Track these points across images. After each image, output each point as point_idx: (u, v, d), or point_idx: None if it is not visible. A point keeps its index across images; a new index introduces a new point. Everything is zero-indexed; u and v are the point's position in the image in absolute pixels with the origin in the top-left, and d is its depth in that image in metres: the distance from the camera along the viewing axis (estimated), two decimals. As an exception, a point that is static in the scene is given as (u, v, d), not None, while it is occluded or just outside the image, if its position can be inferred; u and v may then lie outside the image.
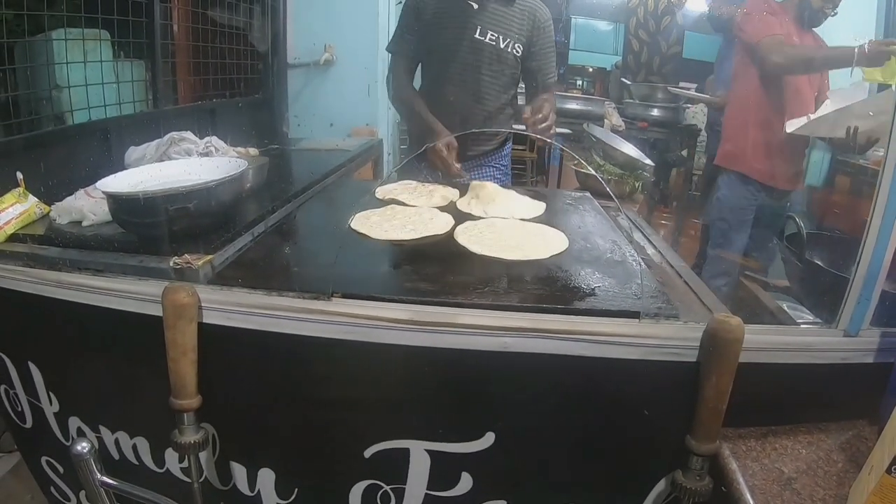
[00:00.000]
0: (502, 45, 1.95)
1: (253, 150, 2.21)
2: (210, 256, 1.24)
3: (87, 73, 1.96)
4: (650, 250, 1.50)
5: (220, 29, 2.68)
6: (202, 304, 1.02)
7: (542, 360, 0.91)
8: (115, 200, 1.30)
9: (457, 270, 1.15)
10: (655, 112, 4.17)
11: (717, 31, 3.82)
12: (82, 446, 1.01)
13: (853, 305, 0.96)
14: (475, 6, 1.94)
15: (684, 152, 4.29)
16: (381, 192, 1.67)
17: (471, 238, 1.32)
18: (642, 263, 1.23)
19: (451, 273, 1.13)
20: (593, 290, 1.08)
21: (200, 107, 2.57)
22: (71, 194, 1.50)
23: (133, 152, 1.86)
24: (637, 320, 0.96)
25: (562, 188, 4.07)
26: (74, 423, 1.20)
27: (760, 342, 0.94)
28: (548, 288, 1.08)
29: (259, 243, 1.35)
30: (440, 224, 1.39)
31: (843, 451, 0.95)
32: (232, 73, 2.79)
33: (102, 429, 1.18)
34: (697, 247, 2.86)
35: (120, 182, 1.38)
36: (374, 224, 1.37)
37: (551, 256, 1.25)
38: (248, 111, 2.87)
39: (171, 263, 1.21)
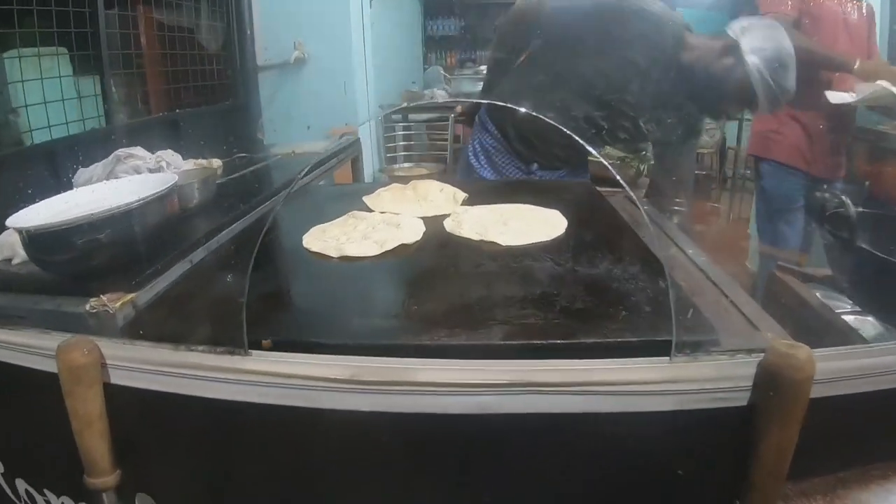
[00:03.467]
0: None
1: (216, 161, 2.01)
2: (131, 295, 1.04)
3: (26, 92, 1.80)
4: (668, 247, 1.27)
5: (177, 34, 2.51)
6: (107, 362, 0.83)
7: (533, 421, 0.67)
8: (23, 236, 1.10)
9: (423, 294, 0.91)
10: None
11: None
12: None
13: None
14: None
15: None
16: (372, 201, 1.42)
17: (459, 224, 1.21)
18: (667, 272, 0.98)
19: (418, 297, 0.90)
20: (602, 314, 0.84)
21: (162, 119, 2.39)
22: (9, 228, 1.31)
23: (81, 174, 1.72)
24: (667, 359, 0.72)
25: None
26: (21, 484, 1.04)
27: (832, 371, 0.70)
28: (540, 314, 0.83)
29: (195, 273, 1.14)
30: (409, 232, 1.16)
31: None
32: (197, 81, 2.63)
33: (48, 492, 1.01)
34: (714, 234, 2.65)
35: (39, 214, 1.17)
36: (331, 239, 1.14)
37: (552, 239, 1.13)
38: (217, 119, 2.69)
39: (88, 307, 1.02)
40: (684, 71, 1.69)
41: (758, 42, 1.58)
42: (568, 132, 0.80)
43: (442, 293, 0.90)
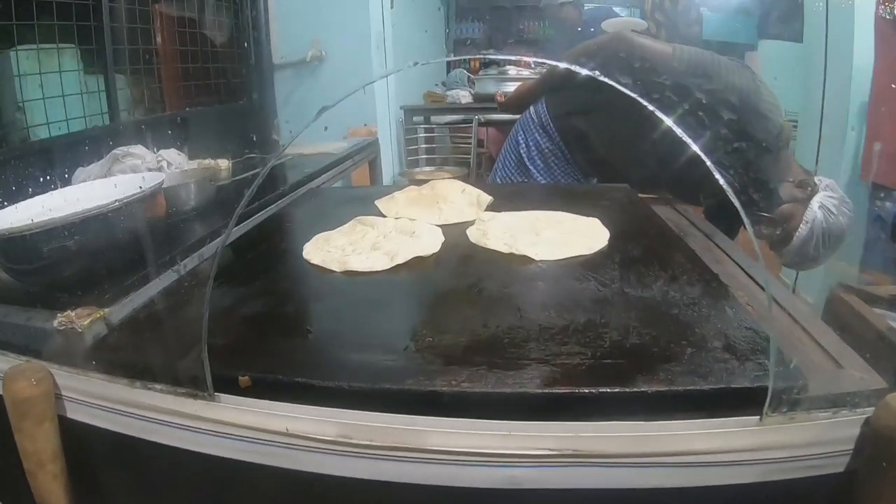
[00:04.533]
0: None
1: (223, 162, 1.88)
2: (102, 311, 0.89)
3: (31, 88, 1.72)
4: (721, 261, 1.10)
5: (188, 30, 2.39)
6: (62, 394, 0.70)
7: (581, 499, 0.51)
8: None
9: (440, 321, 0.75)
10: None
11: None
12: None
13: None
14: None
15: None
16: (385, 205, 1.26)
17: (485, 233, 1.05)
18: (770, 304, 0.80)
19: (433, 325, 0.73)
20: (663, 352, 0.66)
21: (171, 117, 2.25)
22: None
23: (80, 174, 1.61)
24: (756, 419, 0.55)
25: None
26: None
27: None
28: (587, 351, 0.65)
29: (182, 285, 0.99)
30: (425, 243, 0.99)
31: None
32: (209, 79, 2.52)
33: None
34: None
35: (17, 216, 1.04)
36: (335, 249, 0.99)
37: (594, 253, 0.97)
38: (230, 119, 2.58)
39: (56, 323, 0.87)
40: (761, 171, 1.58)
41: (832, 205, 1.50)
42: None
43: (463, 321, 0.73)
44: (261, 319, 0.77)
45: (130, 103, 2.14)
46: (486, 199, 1.23)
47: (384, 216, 1.17)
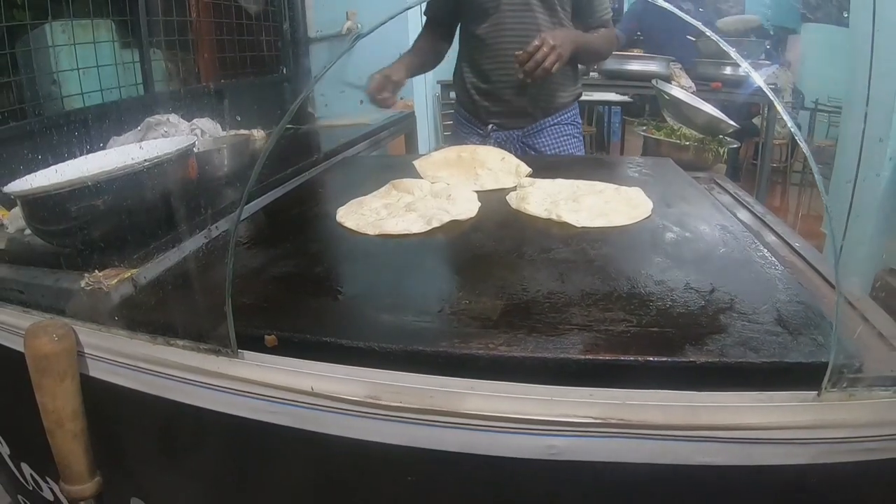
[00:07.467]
0: None
1: (258, 132, 1.87)
2: (130, 272, 0.88)
3: (68, 60, 1.75)
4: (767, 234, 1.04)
5: (223, 2, 2.39)
6: (84, 351, 0.69)
7: (626, 475, 0.47)
8: (21, 203, 0.96)
9: (477, 285, 0.71)
10: (728, 70, 3.56)
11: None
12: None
13: None
14: None
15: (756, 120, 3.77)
16: (422, 164, 1.24)
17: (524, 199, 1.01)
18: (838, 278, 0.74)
19: (470, 289, 0.70)
20: (711, 322, 0.62)
21: (206, 89, 2.25)
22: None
23: (114, 143, 1.59)
24: (814, 394, 0.50)
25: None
26: (27, 469, 0.96)
27: None
28: (632, 318, 0.61)
29: (212, 248, 0.97)
30: (463, 206, 0.96)
31: None
32: (245, 52, 2.52)
33: (49, 480, 0.92)
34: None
35: (45, 180, 1.03)
36: (370, 213, 0.96)
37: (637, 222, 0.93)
38: (265, 91, 2.61)
39: (83, 284, 0.87)
40: None
41: None
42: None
43: (501, 285, 0.70)
44: (290, 280, 0.75)
45: (165, 75, 2.14)
46: (526, 169, 1.19)
47: (420, 177, 1.14)
